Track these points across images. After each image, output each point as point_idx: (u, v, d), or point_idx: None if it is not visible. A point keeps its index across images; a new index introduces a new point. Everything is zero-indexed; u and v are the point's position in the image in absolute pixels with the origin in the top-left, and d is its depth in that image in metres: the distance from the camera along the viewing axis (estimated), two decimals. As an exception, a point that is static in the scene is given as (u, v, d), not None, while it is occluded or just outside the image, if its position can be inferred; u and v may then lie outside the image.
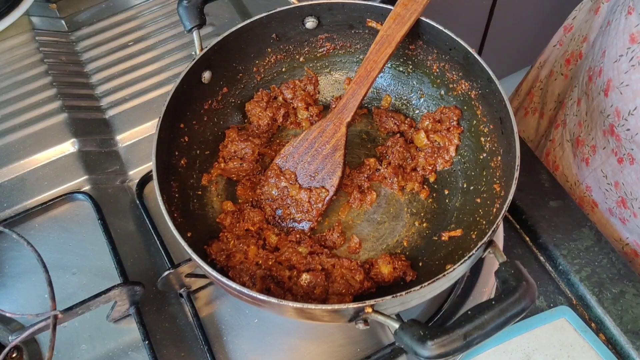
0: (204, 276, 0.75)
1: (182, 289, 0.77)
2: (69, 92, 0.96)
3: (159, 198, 0.66)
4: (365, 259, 0.75)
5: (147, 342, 0.72)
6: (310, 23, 0.83)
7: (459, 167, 0.80)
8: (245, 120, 0.85)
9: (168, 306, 0.78)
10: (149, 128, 0.93)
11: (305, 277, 0.70)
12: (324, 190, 0.77)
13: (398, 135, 0.83)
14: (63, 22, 1.08)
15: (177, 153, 0.77)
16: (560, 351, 0.73)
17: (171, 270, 0.72)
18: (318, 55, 0.87)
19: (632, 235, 0.94)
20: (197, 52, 0.77)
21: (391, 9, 0.77)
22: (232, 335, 0.76)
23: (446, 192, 0.79)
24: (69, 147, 0.90)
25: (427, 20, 0.77)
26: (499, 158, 0.73)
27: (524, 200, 0.86)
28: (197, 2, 0.78)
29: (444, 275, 0.60)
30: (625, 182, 0.87)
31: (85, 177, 0.88)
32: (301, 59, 0.87)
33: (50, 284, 0.67)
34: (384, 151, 0.82)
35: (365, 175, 0.80)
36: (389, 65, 0.85)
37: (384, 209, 0.79)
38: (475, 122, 0.78)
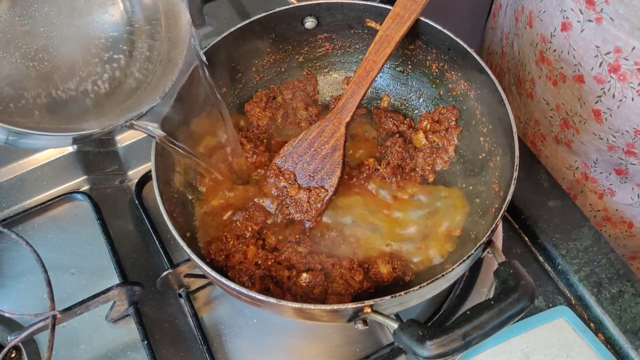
0: (203, 276, 0.75)
1: (181, 289, 0.77)
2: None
3: (158, 198, 0.66)
4: (365, 258, 0.75)
5: (146, 342, 0.72)
6: (309, 23, 0.83)
7: (457, 167, 0.80)
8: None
9: (167, 306, 0.78)
10: (148, 128, 0.93)
11: (304, 277, 0.70)
12: (323, 190, 0.77)
13: (397, 135, 0.83)
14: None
15: (176, 153, 0.77)
16: (559, 351, 0.73)
17: (170, 270, 0.72)
18: (317, 55, 0.87)
19: (579, 157, 0.97)
20: (196, 52, 0.77)
21: (390, 9, 0.77)
22: (231, 335, 0.76)
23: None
24: (67, 147, 0.90)
25: (426, 21, 0.77)
26: (498, 158, 0.73)
27: (523, 200, 0.86)
28: (196, 2, 0.78)
29: (443, 275, 0.60)
30: (564, 101, 0.92)
31: (84, 177, 0.88)
32: (300, 59, 0.87)
33: (49, 284, 0.67)
34: (383, 151, 0.82)
35: (365, 175, 0.80)
36: (388, 65, 0.85)
37: (383, 209, 0.79)
38: (474, 122, 0.78)
